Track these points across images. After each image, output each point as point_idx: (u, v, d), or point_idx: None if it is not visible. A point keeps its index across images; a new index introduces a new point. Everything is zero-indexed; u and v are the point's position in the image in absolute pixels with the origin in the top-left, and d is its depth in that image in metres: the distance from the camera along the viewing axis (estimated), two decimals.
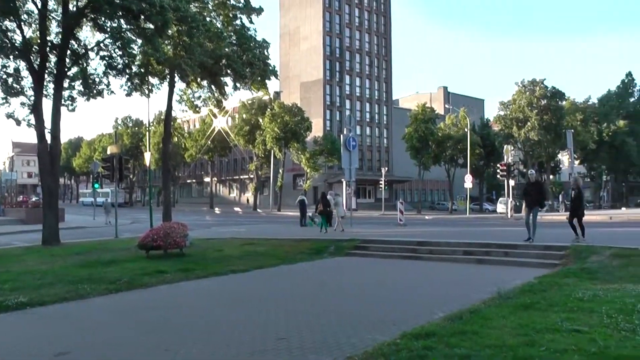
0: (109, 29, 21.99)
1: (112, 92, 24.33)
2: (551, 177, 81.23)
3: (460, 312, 8.40)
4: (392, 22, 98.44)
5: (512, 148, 55.42)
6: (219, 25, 26.50)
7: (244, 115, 75.84)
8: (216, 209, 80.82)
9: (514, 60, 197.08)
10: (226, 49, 26.09)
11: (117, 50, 22.77)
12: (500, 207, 59.06)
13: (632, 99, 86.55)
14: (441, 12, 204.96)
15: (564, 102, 70.88)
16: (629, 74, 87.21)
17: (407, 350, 6.31)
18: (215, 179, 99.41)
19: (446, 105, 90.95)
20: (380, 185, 68.50)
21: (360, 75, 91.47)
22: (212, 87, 28.29)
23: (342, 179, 60.12)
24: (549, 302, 8.88)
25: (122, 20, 21.46)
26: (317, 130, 77.61)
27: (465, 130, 64.73)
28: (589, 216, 39.64)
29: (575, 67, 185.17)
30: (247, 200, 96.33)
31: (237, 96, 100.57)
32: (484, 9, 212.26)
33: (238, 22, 27.11)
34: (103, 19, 21.50)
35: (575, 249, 14.86)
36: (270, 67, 27.43)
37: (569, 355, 5.96)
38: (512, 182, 47.85)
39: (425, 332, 7.12)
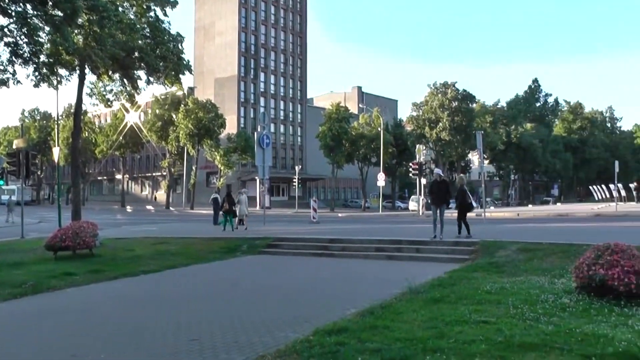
0: (13, 13, 20.82)
1: (18, 81, 22.91)
2: (461, 175, 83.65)
3: (372, 307, 8.44)
4: (307, 21, 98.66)
5: (424, 148, 56.60)
6: (131, 17, 25.68)
7: (157, 111, 74.11)
8: (128, 207, 78.71)
9: (428, 63, 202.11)
10: (139, 42, 25.30)
11: (23, 37, 21.57)
12: (412, 205, 60.26)
13: (538, 104, 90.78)
14: (354, 12, 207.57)
15: (474, 105, 73.15)
16: (535, 80, 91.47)
17: (319, 347, 6.29)
18: (127, 176, 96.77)
19: (360, 105, 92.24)
20: (294, 183, 68.56)
21: (275, 73, 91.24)
22: (125, 80, 27.33)
23: (256, 177, 59.73)
24: (458, 295, 9.08)
25: (28, 5, 20.36)
26: (231, 127, 76.81)
27: (379, 129, 65.77)
28: (498, 213, 41.35)
29: (485, 71, 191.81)
30: (155, 198, 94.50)
31: (150, 91, 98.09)
32: (396, 9, 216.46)
33: (152, 14, 26.37)
34: (7, 1, 20.33)
35: (484, 244, 15.27)
36: (185, 62, 26.82)
37: (476, 346, 6.10)
38: (423, 181, 48.93)
39: (338, 328, 7.11)
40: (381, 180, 57.62)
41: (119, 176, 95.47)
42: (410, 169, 48.47)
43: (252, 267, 15.21)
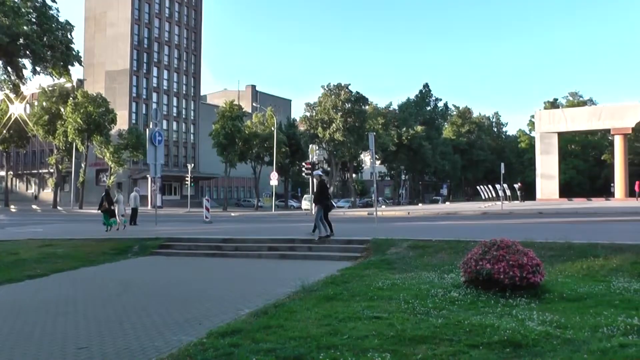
0: None
1: None
2: (354, 175, 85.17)
3: (266, 307, 8.42)
4: (202, 16, 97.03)
5: (317, 148, 57.17)
6: (16, 0, 24.34)
7: (44, 103, 70.38)
8: (12, 206, 74.38)
9: (322, 64, 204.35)
10: (24, 27, 24.04)
11: None
12: (304, 204, 60.67)
13: (428, 108, 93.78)
14: (251, 10, 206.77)
15: (367, 107, 74.49)
16: (426, 85, 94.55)
17: (213, 349, 6.20)
18: (11, 172, 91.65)
19: (254, 104, 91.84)
20: (186, 182, 67.03)
21: (169, 68, 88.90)
22: (9, 68, 25.88)
23: (148, 175, 58.14)
24: (351, 292, 9.19)
25: None
26: (122, 123, 74.14)
27: (272, 129, 65.76)
28: (389, 212, 42.25)
29: (378, 75, 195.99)
30: (36, 197, 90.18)
31: (37, 81, 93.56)
32: (292, 10, 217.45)
33: None
34: None
35: (376, 242, 15.54)
36: (74, 52, 25.78)
37: (369, 341, 6.20)
38: (316, 180, 49.32)
39: (232, 329, 7.04)
40: (274, 179, 57.62)
41: (2, 173, 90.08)
42: (303, 169, 48.76)
43: (143, 269, 14.74)
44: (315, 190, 18.13)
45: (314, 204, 18.07)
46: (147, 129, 30.87)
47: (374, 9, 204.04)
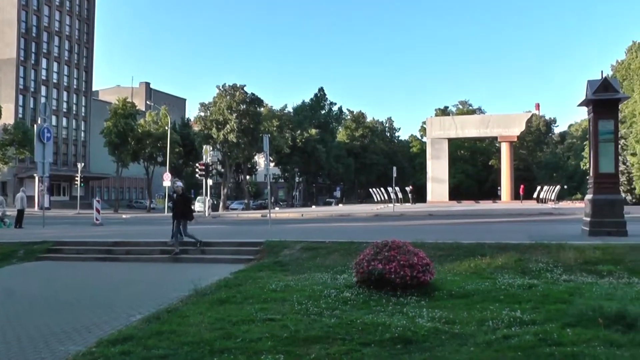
0: None
1: None
2: (248, 177, 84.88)
3: (158, 312, 8.25)
4: (95, 7, 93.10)
5: (211, 149, 56.35)
6: None
7: None
8: None
9: (218, 63, 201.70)
10: None
11: None
12: (198, 206, 59.75)
13: (323, 111, 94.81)
14: (147, 5, 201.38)
15: (262, 109, 74.38)
16: (321, 89, 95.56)
17: (103, 358, 6.02)
18: None
19: (148, 102, 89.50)
20: (76, 182, 64.45)
21: (59, 60, 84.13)
22: None
23: (35, 174, 55.33)
24: (245, 295, 9.14)
25: None
26: (7, 117, 69.27)
27: (166, 128, 64.43)
28: (283, 214, 42.34)
29: (274, 77, 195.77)
30: None
31: None
32: (189, 7, 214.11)
33: None
34: None
35: (269, 244, 15.52)
36: None
37: (263, 343, 6.20)
38: (210, 182, 48.71)
39: (123, 336, 6.83)
40: (167, 180, 56.41)
41: None
42: (197, 170, 48.03)
43: (29, 275, 13.95)
44: (176, 203, 16.87)
45: (176, 219, 16.23)
46: (35, 125, 29.37)
47: (272, 10, 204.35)
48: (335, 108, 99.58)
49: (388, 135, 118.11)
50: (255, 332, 6.64)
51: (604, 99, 15.78)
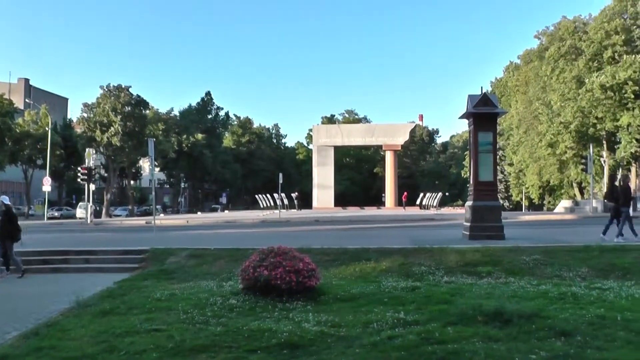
0: None
1: None
2: (132, 182, 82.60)
3: (37, 327, 7.90)
4: None
5: (94, 152, 54.37)
6: None
7: None
8: None
9: (102, 62, 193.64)
10: None
11: None
12: (80, 212, 57.55)
13: (209, 116, 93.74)
14: None
15: (147, 111, 72.56)
16: (208, 93, 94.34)
17: None
18: None
19: (27, 100, 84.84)
20: None
21: None
22: None
23: None
24: (129, 305, 8.91)
25: None
26: None
27: (47, 129, 61.29)
28: (168, 220, 41.49)
29: (161, 78, 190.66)
30: None
31: None
32: (72, 2, 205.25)
33: None
34: None
35: (154, 252, 15.19)
36: None
37: (148, 355, 6.08)
38: (92, 187, 46.93)
39: None
40: (47, 184, 53.84)
41: None
42: (79, 174, 46.21)
43: None
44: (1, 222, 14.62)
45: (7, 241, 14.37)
46: None
47: (159, 11, 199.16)
48: (222, 113, 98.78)
49: (275, 141, 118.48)
50: (140, 344, 6.48)
51: (483, 113, 16.77)
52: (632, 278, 11.00)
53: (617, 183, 18.28)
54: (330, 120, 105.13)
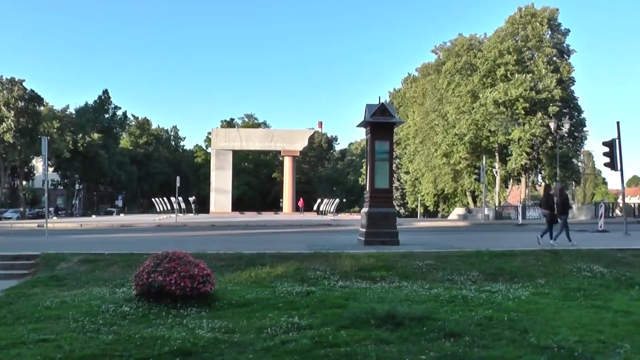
0: None
1: None
2: (25, 182, 78.96)
3: None
4: None
5: None
6: None
7: None
8: None
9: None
10: None
11: None
12: None
13: (107, 115, 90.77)
14: None
15: (42, 108, 69.55)
16: (106, 92, 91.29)
17: None
18: None
19: None
20: None
21: None
22: None
23: None
24: (16, 314, 8.53)
25: None
26: None
27: None
28: (61, 223, 39.86)
29: (56, 73, 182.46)
30: None
31: None
32: None
33: None
34: None
35: (45, 257, 14.59)
36: None
37: None
38: None
39: None
40: None
41: None
42: None
43: None
44: None
45: None
46: None
47: (55, 4, 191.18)
48: (119, 112, 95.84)
49: (173, 144, 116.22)
50: (26, 356, 6.23)
51: (380, 122, 17.19)
52: (520, 281, 11.69)
53: (551, 192, 19.47)
54: (229, 124, 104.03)
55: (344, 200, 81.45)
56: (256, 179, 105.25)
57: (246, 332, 7.05)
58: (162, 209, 53.89)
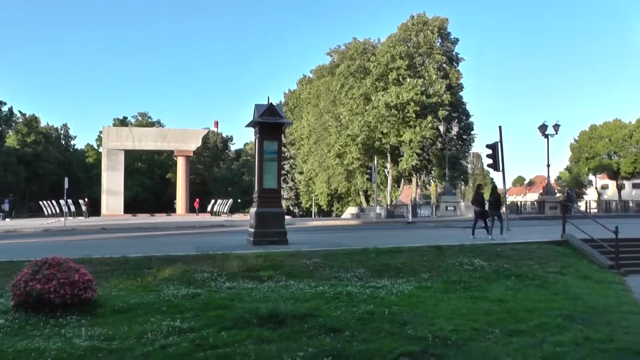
0: None
1: None
2: None
3: None
4: None
5: None
6: None
7: None
8: None
9: None
10: None
11: None
12: None
13: None
14: None
15: None
16: None
17: None
18: None
19: None
20: None
21: None
22: None
23: None
24: None
25: None
26: None
27: None
28: None
29: None
30: None
31: None
32: None
33: None
34: None
35: None
36: None
37: None
38: None
39: None
40: None
41: None
42: None
43: None
44: None
45: None
46: None
47: None
48: (5, 108, 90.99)
49: (64, 143, 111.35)
50: None
51: (269, 122, 17.32)
52: (404, 276, 12.10)
53: (481, 191, 21.43)
54: (122, 122, 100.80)
55: (239, 200, 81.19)
56: (150, 180, 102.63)
57: (126, 339, 6.89)
58: (51, 212, 51.72)
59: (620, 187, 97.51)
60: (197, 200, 63.67)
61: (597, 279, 13.51)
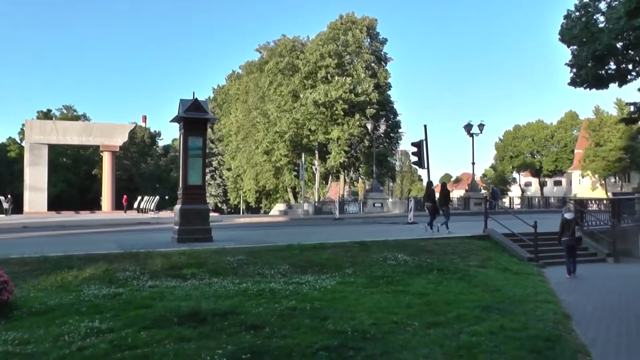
0: None
1: None
2: None
3: None
4: None
5: None
6: None
7: None
8: None
9: None
10: None
11: None
12: None
13: None
14: None
15: None
16: None
17: None
18: None
19: None
20: None
21: None
22: None
23: None
24: None
25: None
26: None
27: None
28: None
29: None
30: None
31: None
32: None
33: None
34: None
35: None
36: None
37: None
38: None
39: None
40: None
41: None
42: None
43: None
44: None
45: None
46: None
47: None
48: None
49: None
50: None
51: (194, 118, 17.19)
52: (328, 272, 12.27)
53: (433, 187, 22.69)
54: (46, 115, 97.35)
55: (167, 197, 79.95)
56: (75, 176, 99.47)
57: (42, 342, 6.68)
58: None
59: (542, 184, 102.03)
60: (125, 196, 62.30)
61: (516, 271, 14.16)
